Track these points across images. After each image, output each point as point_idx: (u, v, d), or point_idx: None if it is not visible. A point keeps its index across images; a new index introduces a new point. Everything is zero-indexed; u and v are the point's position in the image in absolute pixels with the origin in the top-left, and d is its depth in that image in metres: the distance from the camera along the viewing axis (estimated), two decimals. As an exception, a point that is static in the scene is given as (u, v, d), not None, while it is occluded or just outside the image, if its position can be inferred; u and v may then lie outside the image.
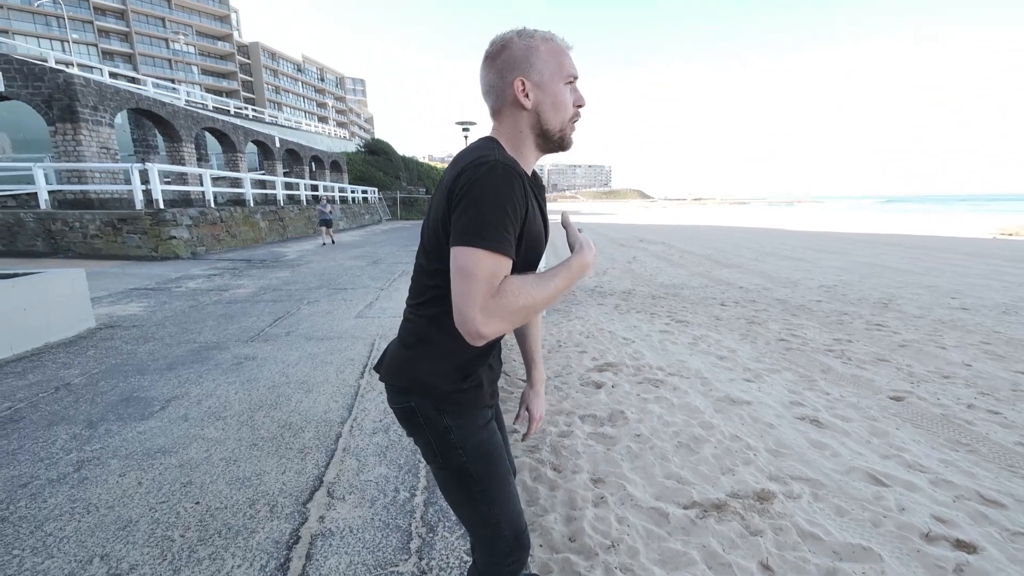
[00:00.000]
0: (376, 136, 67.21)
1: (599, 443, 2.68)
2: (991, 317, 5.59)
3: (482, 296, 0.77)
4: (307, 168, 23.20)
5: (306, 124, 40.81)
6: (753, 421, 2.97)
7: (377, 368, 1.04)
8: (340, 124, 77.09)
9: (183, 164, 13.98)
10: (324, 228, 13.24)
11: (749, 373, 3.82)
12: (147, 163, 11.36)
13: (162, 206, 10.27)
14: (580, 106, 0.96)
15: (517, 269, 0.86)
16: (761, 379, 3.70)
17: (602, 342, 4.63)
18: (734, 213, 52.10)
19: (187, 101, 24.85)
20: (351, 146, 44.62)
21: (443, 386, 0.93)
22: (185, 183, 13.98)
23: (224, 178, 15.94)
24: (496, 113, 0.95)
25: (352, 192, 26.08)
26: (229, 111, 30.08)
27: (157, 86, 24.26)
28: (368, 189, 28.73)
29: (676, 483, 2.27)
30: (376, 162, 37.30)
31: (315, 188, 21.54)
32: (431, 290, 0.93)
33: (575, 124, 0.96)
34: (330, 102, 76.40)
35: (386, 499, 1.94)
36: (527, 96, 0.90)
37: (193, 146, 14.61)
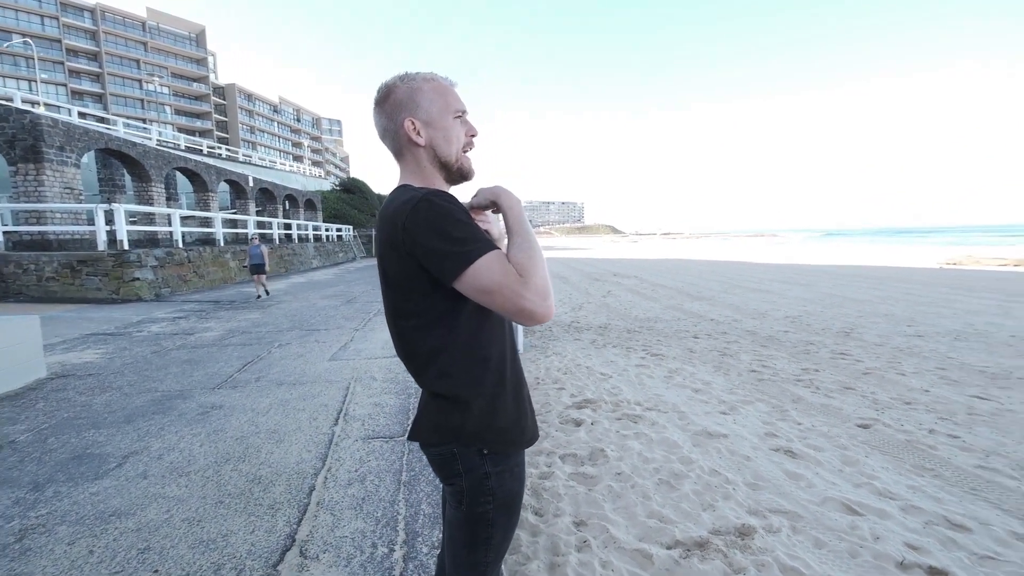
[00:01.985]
0: (352, 175, 67.65)
1: (580, 483, 2.65)
2: (944, 343, 5.88)
3: (518, 286, 0.80)
4: (280, 207, 23.05)
5: (281, 163, 40.85)
6: (730, 454, 3.00)
7: (412, 436, 0.99)
8: (315, 163, 77.33)
9: (151, 204, 13.71)
10: (256, 276, 10.02)
11: (724, 405, 3.88)
12: (113, 203, 11.09)
13: (126, 246, 9.97)
14: (473, 135, 1.02)
15: None
16: (736, 411, 3.76)
17: (580, 378, 4.65)
18: (701, 246, 53.94)
19: (159, 141, 24.62)
20: (326, 185, 44.72)
21: (490, 424, 0.94)
22: (152, 223, 13.65)
23: (193, 217, 15.66)
24: (398, 155, 1.00)
25: (326, 230, 25.94)
26: (202, 151, 29.88)
27: (128, 126, 24.01)
28: (343, 227, 28.66)
29: (659, 522, 2.26)
30: (351, 200, 37.44)
31: (288, 227, 21.34)
32: (435, 342, 0.92)
33: (468, 152, 1.02)
34: (306, 142, 76.87)
35: (363, 556, 1.86)
36: (418, 134, 0.96)
37: (163, 186, 14.39)
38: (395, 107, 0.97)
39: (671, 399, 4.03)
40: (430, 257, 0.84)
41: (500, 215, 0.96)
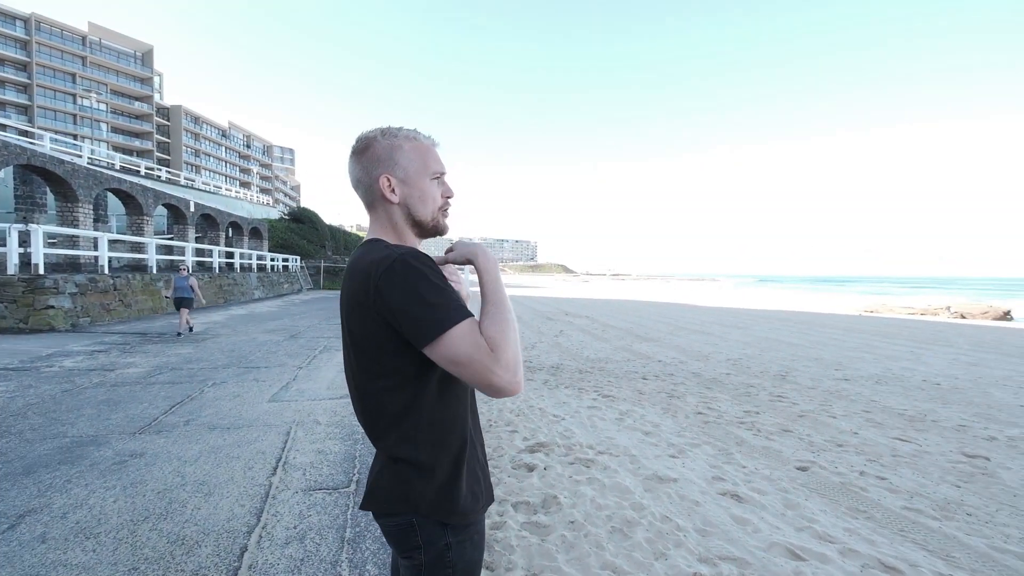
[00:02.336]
0: (302, 204, 65.92)
1: (533, 534, 2.58)
2: (868, 387, 6.36)
3: (488, 360, 0.79)
4: (223, 234, 21.94)
5: (227, 189, 39.24)
6: (680, 499, 3.04)
7: (366, 505, 0.93)
8: (264, 191, 74.91)
9: (76, 225, 12.64)
10: (181, 311, 8.58)
11: (673, 448, 3.95)
12: (30, 223, 10.15)
13: (41, 271, 9.07)
14: (449, 197, 1.03)
15: None
16: (684, 454, 3.84)
17: (533, 420, 4.61)
18: (647, 288, 56.22)
19: (90, 159, 23.04)
20: (274, 213, 43.25)
21: (453, 491, 0.90)
22: (76, 246, 12.54)
23: (123, 242, 14.58)
24: (370, 207, 0.99)
25: (271, 260, 24.87)
26: (139, 171, 28.24)
27: (56, 141, 22.36)
28: (289, 257, 27.59)
29: (612, 574, 2.22)
30: (300, 230, 36.31)
31: (230, 255, 20.28)
32: (400, 405, 0.88)
33: (447, 212, 1.03)
34: (255, 168, 74.53)
35: (298, 626, 1.69)
36: (393, 191, 0.96)
37: (91, 207, 13.36)
38: (372, 161, 0.96)
39: (623, 442, 4.06)
40: (402, 319, 0.82)
41: (473, 269, 0.96)
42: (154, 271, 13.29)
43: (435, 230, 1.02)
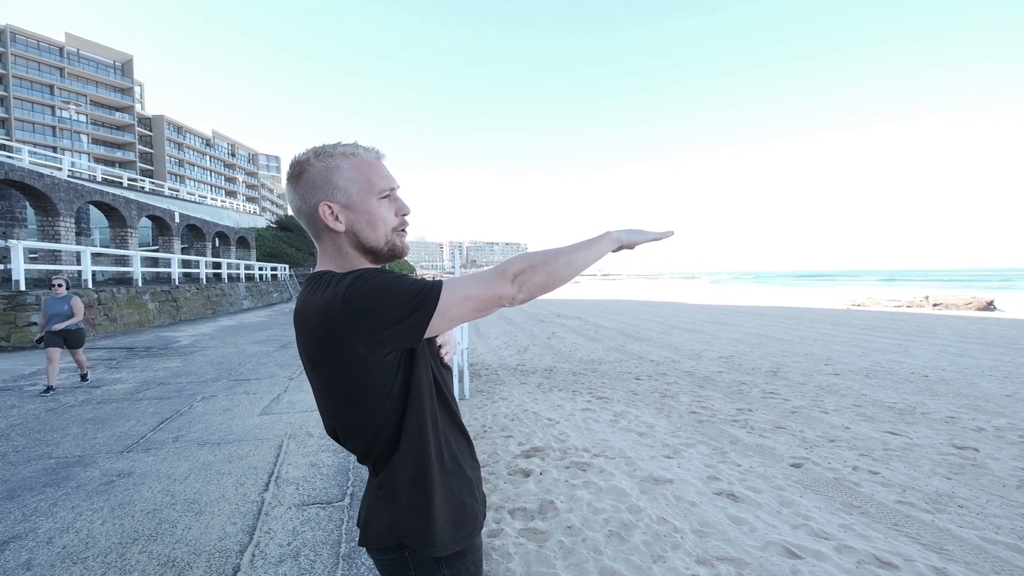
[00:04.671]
0: (290, 212, 65.32)
1: (531, 540, 2.56)
2: (858, 381, 6.43)
3: (494, 277, 0.81)
4: (210, 244, 21.68)
5: (212, 199, 38.79)
6: (676, 500, 3.04)
7: (363, 541, 0.89)
8: (251, 199, 74.19)
9: (58, 240, 12.41)
10: (52, 353, 5.24)
11: (668, 449, 3.96)
12: (9, 239, 9.94)
13: (23, 287, 8.89)
14: (404, 215, 0.91)
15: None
16: (679, 454, 3.85)
17: (527, 424, 4.60)
18: (638, 287, 56.51)
19: (71, 172, 22.65)
20: (261, 222, 42.87)
21: (451, 518, 0.87)
22: (58, 261, 12.30)
23: (107, 255, 14.34)
24: (315, 237, 0.89)
25: (260, 269, 24.63)
26: (122, 183, 27.81)
27: (35, 154, 21.97)
28: (277, 266, 27.37)
29: (611, 580, 2.21)
30: (288, 238, 36.04)
31: (217, 266, 20.04)
32: (391, 440, 0.84)
33: (404, 231, 0.92)
34: (240, 177, 73.81)
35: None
36: (337, 219, 0.85)
37: (73, 220, 13.12)
38: (308, 188, 0.85)
39: (617, 444, 4.07)
40: (386, 327, 0.75)
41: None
42: (139, 284, 13.09)
43: (392, 254, 0.91)
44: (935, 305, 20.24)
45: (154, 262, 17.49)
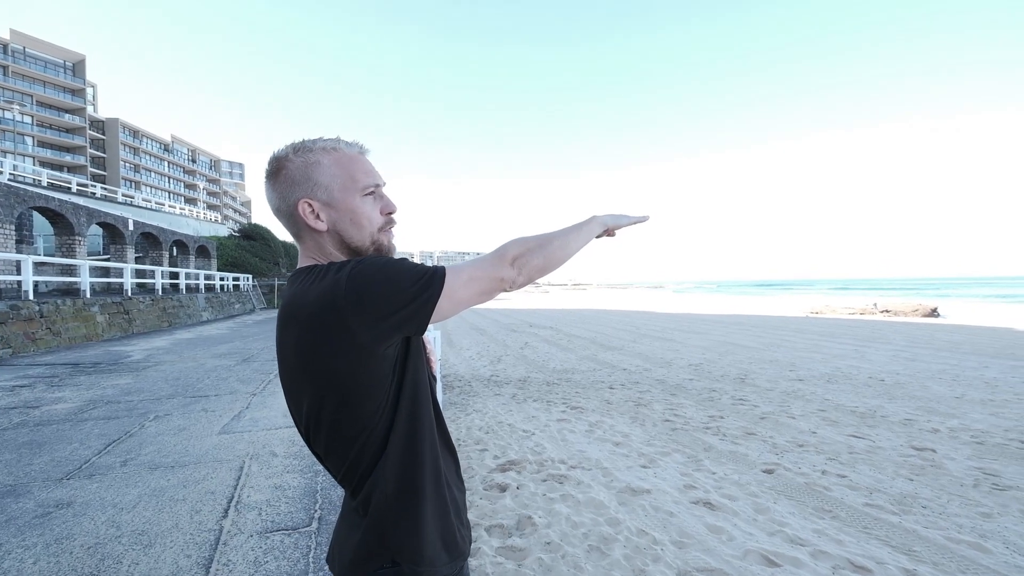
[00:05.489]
0: (253, 221, 63.24)
1: (509, 559, 2.48)
2: (820, 386, 6.65)
3: (494, 260, 0.81)
4: (167, 253, 20.67)
5: (169, 206, 37.18)
6: (655, 511, 3.02)
7: (332, 566, 0.82)
8: (212, 207, 71.57)
9: (-6, 248, 11.54)
10: None
11: (644, 459, 3.95)
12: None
13: (-47, 300, 8.18)
14: (390, 213, 0.87)
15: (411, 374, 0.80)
16: (655, 463, 3.85)
17: (502, 437, 4.51)
18: (608, 297, 57.38)
19: (11, 175, 21.25)
20: (223, 230, 41.35)
21: (434, 545, 0.79)
22: (-7, 271, 11.43)
23: (51, 264, 13.44)
24: (296, 237, 0.85)
25: (221, 279, 23.63)
26: (70, 188, 26.31)
27: (-30, 157, 20.48)
28: (240, 276, 26.32)
29: (593, 598, 2.15)
30: (252, 247, 34.82)
31: (175, 276, 19.10)
32: (378, 449, 0.77)
33: (390, 230, 0.88)
34: (201, 184, 71.01)
35: None
36: (318, 218, 0.81)
37: (12, 227, 12.25)
38: (287, 185, 0.81)
39: (594, 455, 4.03)
40: (395, 310, 0.71)
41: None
42: (87, 295, 12.29)
43: (378, 253, 0.86)
44: (884, 312, 21.35)
45: (105, 272, 16.52)
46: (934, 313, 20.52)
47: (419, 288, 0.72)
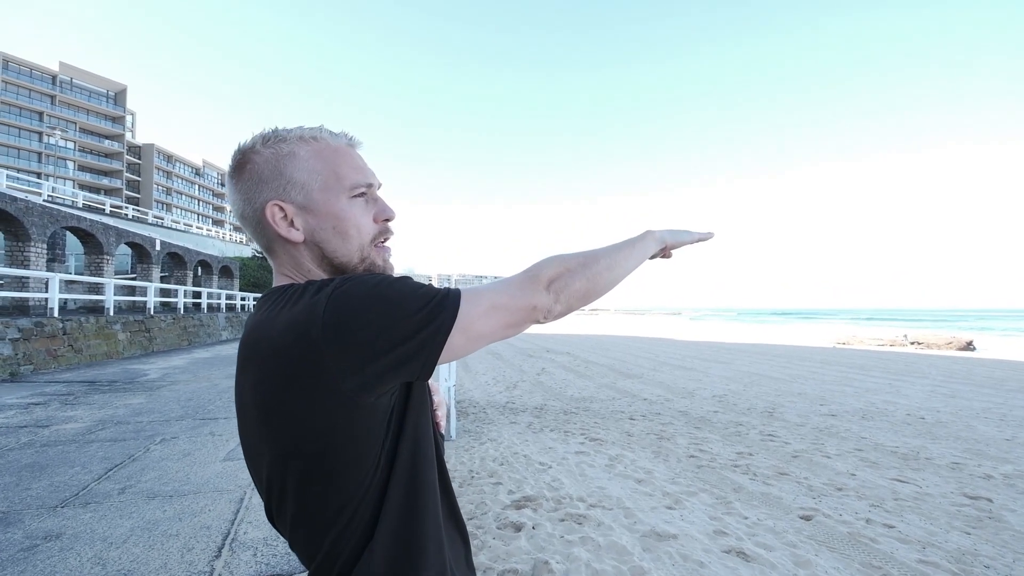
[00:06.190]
0: (276, 242, 64.64)
1: (523, 612, 2.25)
2: (855, 423, 6.25)
3: (525, 282, 0.63)
4: (191, 273, 21.16)
5: (197, 227, 38.42)
6: (683, 559, 2.76)
7: None
8: (237, 228, 73.78)
9: (27, 265, 11.91)
10: None
11: (669, 499, 3.68)
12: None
13: (-18, 316, 8.38)
14: (387, 220, 0.69)
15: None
16: (681, 504, 3.57)
17: (518, 469, 4.29)
18: (625, 322, 56.61)
19: (50, 197, 22.22)
20: (247, 251, 42.40)
21: None
22: (25, 288, 11.76)
23: (79, 282, 13.81)
24: (268, 251, 0.67)
25: (242, 299, 24.05)
26: (104, 209, 27.38)
27: (14, 179, 21.55)
28: (261, 296, 26.78)
29: (617, 665, 1.91)
30: (274, 268, 35.52)
31: (197, 295, 19.47)
32: (368, 526, 0.58)
33: (386, 243, 0.69)
34: (228, 207, 73.54)
35: None
36: (292, 225, 0.63)
37: (44, 246, 12.66)
38: (253, 184, 0.63)
39: (615, 492, 3.77)
40: (388, 348, 0.53)
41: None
42: (111, 312, 12.54)
43: (368, 270, 0.67)
44: (916, 344, 20.46)
45: (131, 290, 16.93)
46: (969, 346, 19.56)
47: (424, 318, 0.55)
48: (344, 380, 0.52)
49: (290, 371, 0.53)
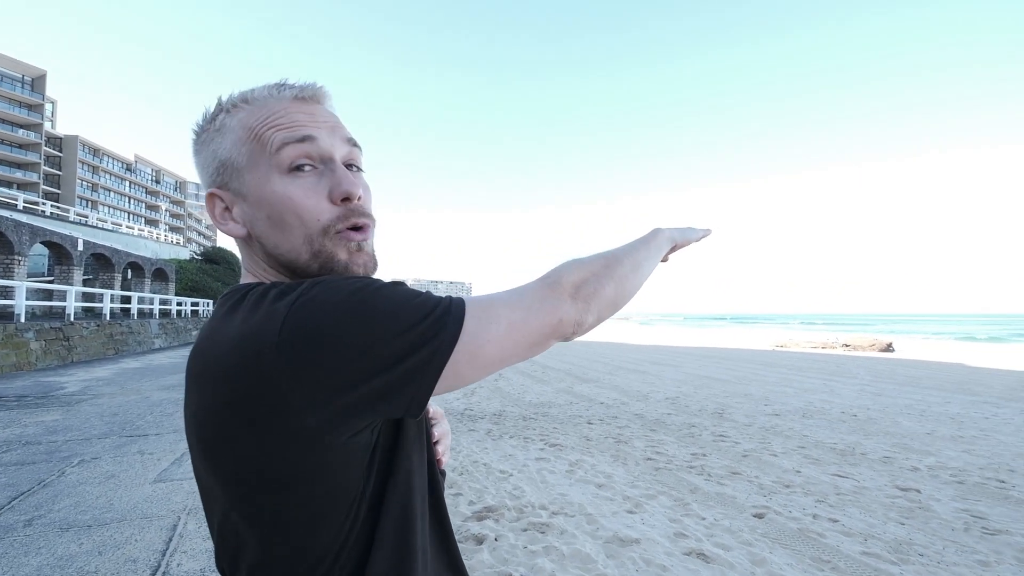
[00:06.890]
0: (219, 244, 61.13)
1: (487, 631, 2.16)
2: (797, 421, 6.60)
3: (546, 290, 0.50)
4: (119, 276, 19.49)
5: (127, 226, 35.58)
6: (646, 565, 2.76)
7: None
8: (174, 229, 69.09)
9: (-82, 267, 10.53)
10: None
11: (629, 503, 3.70)
12: None
13: None
14: (345, 199, 0.50)
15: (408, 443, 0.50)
16: (641, 508, 3.60)
17: (478, 479, 4.19)
18: (582, 327, 57.53)
19: (-51, 190, 19.85)
20: (184, 253, 39.79)
21: None
22: (-86, 291, 10.39)
23: (-15, 286, 12.37)
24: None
25: (178, 304, 22.42)
26: (16, 205, 24.81)
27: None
28: (200, 301, 25.07)
29: None
30: (214, 271, 33.43)
31: (126, 299, 17.95)
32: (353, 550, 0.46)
33: (349, 229, 0.51)
34: (164, 205, 68.62)
35: None
36: (232, 218, 0.52)
37: (-59, 245, 11.26)
38: (201, 170, 0.54)
39: (576, 498, 3.75)
40: (366, 376, 0.40)
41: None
42: (22, 319, 11.30)
43: (327, 269, 0.50)
44: (845, 346, 22.08)
45: (48, 295, 15.36)
46: (889, 348, 21.34)
47: (415, 339, 0.42)
48: (305, 416, 0.40)
49: (236, 400, 0.41)
